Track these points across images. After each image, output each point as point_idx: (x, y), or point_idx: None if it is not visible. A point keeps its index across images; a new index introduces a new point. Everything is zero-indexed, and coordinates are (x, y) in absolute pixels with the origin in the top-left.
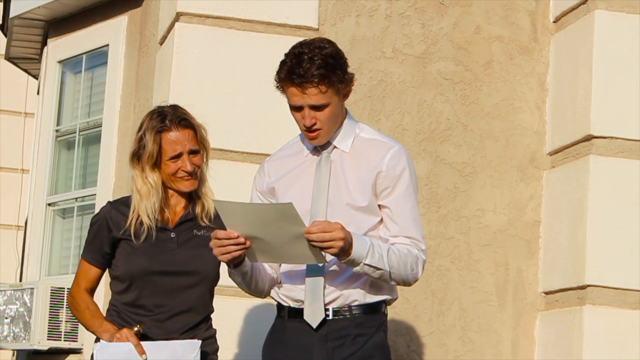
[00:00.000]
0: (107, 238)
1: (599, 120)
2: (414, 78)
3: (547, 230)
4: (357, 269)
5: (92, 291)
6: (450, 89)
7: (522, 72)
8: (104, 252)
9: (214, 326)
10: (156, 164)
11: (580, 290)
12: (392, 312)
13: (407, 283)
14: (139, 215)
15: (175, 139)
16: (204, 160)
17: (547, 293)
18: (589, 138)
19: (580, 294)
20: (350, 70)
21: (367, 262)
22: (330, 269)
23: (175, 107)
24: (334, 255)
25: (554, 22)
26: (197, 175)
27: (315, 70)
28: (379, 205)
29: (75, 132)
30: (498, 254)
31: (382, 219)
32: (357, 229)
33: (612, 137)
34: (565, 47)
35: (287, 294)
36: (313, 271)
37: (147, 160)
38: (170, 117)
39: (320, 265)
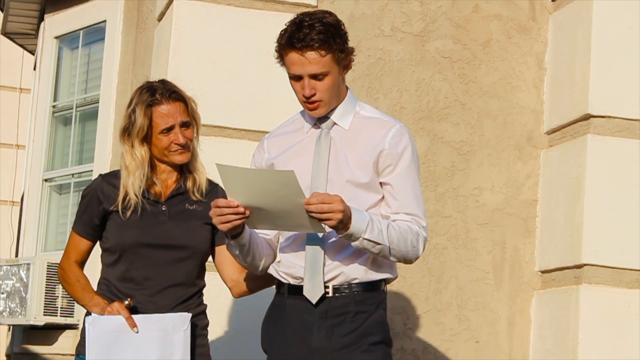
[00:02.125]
0: (98, 210)
1: (597, 99)
2: (412, 56)
3: (544, 209)
4: (356, 243)
5: (82, 264)
6: (449, 68)
7: (521, 51)
8: (94, 224)
9: (205, 301)
10: (146, 139)
11: (577, 269)
12: (389, 290)
13: (407, 260)
14: (126, 192)
15: (167, 112)
16: (195, 134)
17: (543, 272)
18: (586, 117)
19: (576, 273)
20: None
21: (366, 236)
22: (331, 245)
23: (164, 82)
24: (332, 227)
25: (552, 1)
26: (189, 147)
27: (315, 35)
28: (380, 183)
29: (72, 108)
30: (495, 232)
31: (383, 197)
32: (358, 205)
33: (609, 117)
34: (563, 27)
35: (287, 271)
36: (313, 248)
37: (136, 134)
38: (160, 90)
39: (320, 236)
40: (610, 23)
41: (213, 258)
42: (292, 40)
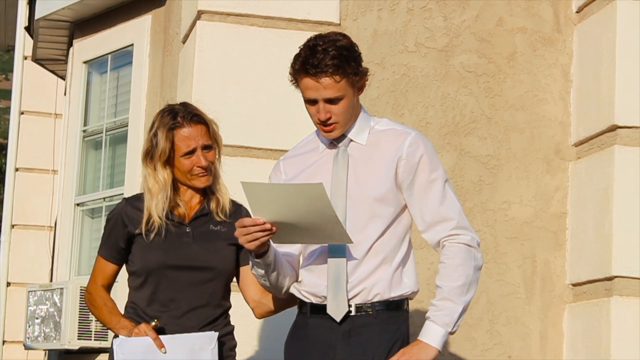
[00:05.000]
0: (123, 234)
1: (624, 110)
2: (436, 71)
3: (574, 222)
4: (454, 330)
5: (108, 287)
6: (474, 82)
7: (546, 63)
8: (119, 247)
9: (233, 322)
10: (168, 162)
11: (607, 282)
12: (419, 306)
13: (479, 270)
14: (150, 215)
15: (189, 134)
16: (217, 156)
17: (574, 285)
18: (613, 128)
19: (607, 285)
20: (372, 64)
21: (453, 329)
22: (352, 262)
23: (185, 104)
24: None
25: (576, 12)
26: (211, 170)
27: (329, 60)
28: (405, 198)
29: (102, 132)
30: (525, 246)
31: (404, 208)
32: (380, 220)
33: (636, 127)
34: (588, 38)
35: (309, 290)
36: (335, 266)
37: (159, 157)
38: (182, 113)
39: (341, 257)
40: (635, 33)
41: (237, 279)
42: (306, 66)
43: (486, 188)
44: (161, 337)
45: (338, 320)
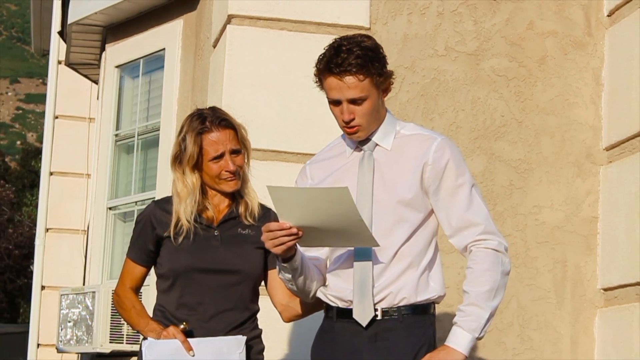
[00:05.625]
0: (152, 236)
1: None
2: (467, 75)
3: (605, 226)
4: (481, 335)
5: (137, 290)
6: (504, 86)
7: (577, 67)
8: (148, 250)
9: (261, 326)
10: (196, 166)
11: (639, 286)
12: (449, 310)
13: (507, 275)
14: (179, 218)
15: (217, 139)
16: (246, 160)
17: (605, 289)
18: None
19: (638, 290)
20: (402, 68)
21: (479, 335)
22: (379, 266)
23: (214, 109)
24: None
25: (608, 15)
26: (240, 175)
27: (353, 59)
28: (431, 203)
29: (134, 136)
30: (556, 250)
31: (431, 213)
32: (407, 225)
33: None
34: (619, 41)
35: (336, 294)
36: (361, 270)
37: (187, 162)
38: (210, 118)
39: (369, 261)
40: None
41: (265, 282)
42: (330, 65)
43: (516, 192)
44: (189, 340)
45: (364, 324)
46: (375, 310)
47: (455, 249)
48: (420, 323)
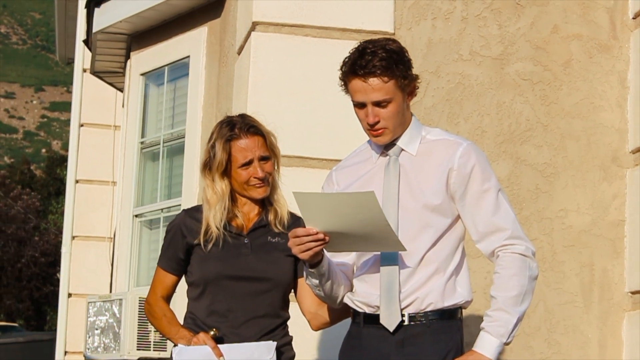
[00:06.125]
0: (182, 245)
1: None
2: (492, 80)
3: (632, 229)
4: (508, 340)
5: (168, 298)
6: (529, 90)
7: (602, 70)
8: (178, 258)
9: (291, 333)
10: (226, 173)
11: None
12: (477, 315)
13: (535, 279)
14: (208, 225)
15: (245, 146)
16: (275, 167)
17: (633, 293)
18: None
19: None
20: (427, 73)
21: (507, 340)
22: (405, 271)
23: (243, 116)
24: None
25: (633, 18)
26: (268, 182)
27: (377, 61)
28: (458, 209)
29: (159, 144)
30: (582, 254)
31: (457, 218)
32: (433, 231)
33: None
34: None
35: (362, 300)
36: (388, 275)
37: (216, 169)
38: (239, 125)
39: (396, 266)
40: None
41: (294, 290)
42: (354, 67)
43: (542, 196)
44: (220, 346)
45: (391, 330)
46: (403, 315)
47: (481, 254)
48: (448, 328)
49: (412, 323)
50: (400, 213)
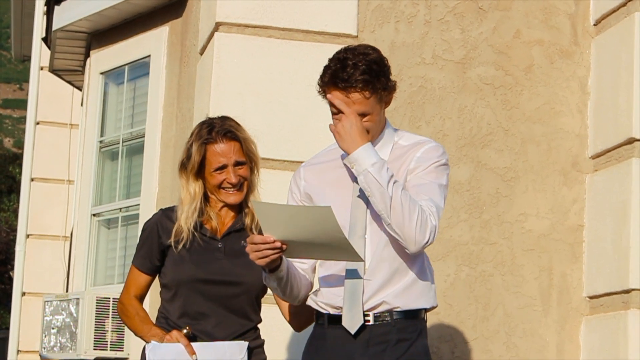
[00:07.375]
0: (157, 244)
1: None
2: (454, 83)
3: (591, 234)
4: (360, 178)
5: (141, 298)
6: (491, 94)
7: (563, 75)
8: (153, 258)
9: (262, 336)
10: (200, 175)
11: (625, 295)
12: (435, 318)
13: (408, 238)
14: (179, 225)
15: (220, 151)
16: (255, 172)
17: (591, 297)
18: (631, 141)
19: (624, 298)
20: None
21: (371, 170)
22: (370, 274)
23: (224, 119)
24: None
25: (594, 25)
26: (242, 187)
27: (359, 75)
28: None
29: (118, 143)
30: (542, 258)
31: None
32: None
33: None
34: (606, 50)
35: (326, 301)
36: (352, 277)
37: (191, 170)
38: (217, 129)
39: (358, 270)
40: None
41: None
42: (335, 79)
43: (503, 200)
44: (192, 344)
45: (352, 332)
46: (367, 316)
47: (441, 257)
48: (413, 327)
49: (377, 323)
50: (368, 218)
